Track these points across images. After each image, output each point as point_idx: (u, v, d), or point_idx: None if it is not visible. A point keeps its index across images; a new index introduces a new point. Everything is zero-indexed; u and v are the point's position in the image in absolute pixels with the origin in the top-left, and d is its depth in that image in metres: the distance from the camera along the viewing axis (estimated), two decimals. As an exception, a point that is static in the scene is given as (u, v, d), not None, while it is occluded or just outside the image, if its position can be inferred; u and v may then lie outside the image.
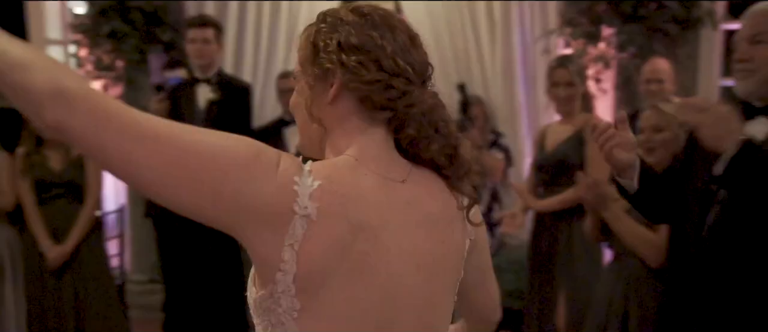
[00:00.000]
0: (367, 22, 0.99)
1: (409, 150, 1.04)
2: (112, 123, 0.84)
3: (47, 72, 0.83)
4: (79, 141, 0.85)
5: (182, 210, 0.90)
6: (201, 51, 3.37)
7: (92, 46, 4.32)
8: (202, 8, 4.41)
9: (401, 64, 0.99)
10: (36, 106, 0.83)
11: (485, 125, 3.94)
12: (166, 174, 0.87)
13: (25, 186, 3.09)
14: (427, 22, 4.17)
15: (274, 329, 0.96)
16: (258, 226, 0.91)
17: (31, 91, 0.82)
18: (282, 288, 0.92)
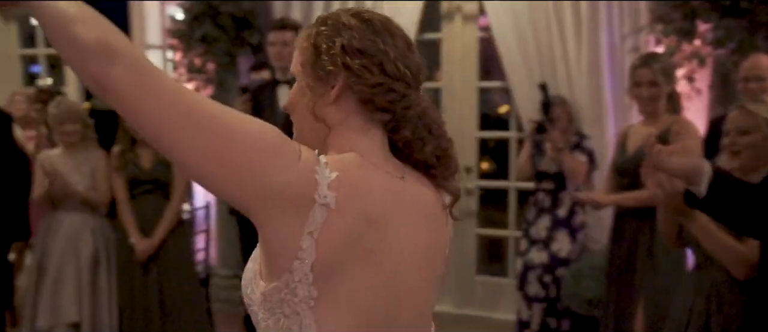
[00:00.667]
0: (369, 28, 1.04)
1: (403, 150, 1.09)
2: (151, 85, 0.88)
3: (98, 27, 0.88)
4: (116, 96, 0.88)
5: (206, 181, 0.93)
6: (280, 53, 3.46)
7: (186, 50, 4.53)
8: (289, 9, 4.53)
9: (401, 68, 1.04)
10: (82, 56, 0.87)
11: (569, 126, 3.82)
12: (196, 142, 0.89)
13: (119, 182, 3.29)
14: (510, 21, 4.09)
15: (288, 320, 0.97)
16: (280, 211, 0.93)
17: (80, 43, 0.86)
18: (299, 277, 0.95)
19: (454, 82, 4.44)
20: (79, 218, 3.28)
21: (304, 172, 0.94)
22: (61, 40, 0.88)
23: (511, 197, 4.45)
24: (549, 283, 3.70)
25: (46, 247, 3.26)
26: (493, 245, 5.17)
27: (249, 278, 1.02)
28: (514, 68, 4.12)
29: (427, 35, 4.53)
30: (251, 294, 1.01)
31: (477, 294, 4.47)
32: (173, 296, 3.27)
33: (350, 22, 1.04)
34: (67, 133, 3.28)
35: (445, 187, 1.12)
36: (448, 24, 4.46)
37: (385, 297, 1.01)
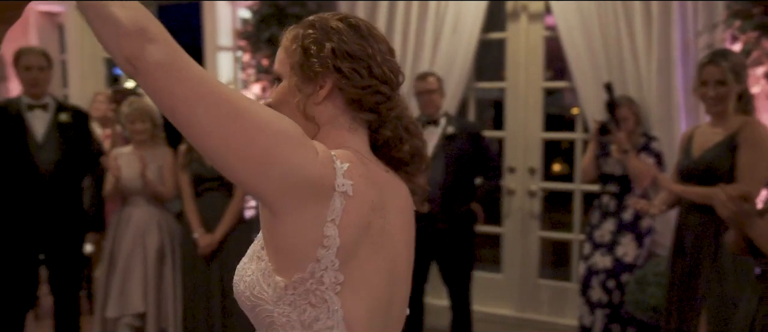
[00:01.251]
0: (356, 33, 1.10)
1: (382, 148, 1.15)
2: (183, 71, 0.91)
3: (136, 11, 0.91)
4: (148, 77, 0.90)
5: (230, 169, 0.95)
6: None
7: (254, 51, 4.66)
8: (354, 9, 4.58)
9: (387, 71, 1.11)
10: (117, 36, 0.89)
11: (635, 127, 3.69)
12: (223, 129, 0.92)
13: (185, 179, 3.42)
14: (577, 19, 3.99)
15: (315, 309, 1.01)
16: (302, 201, 0.97)
17: (117, 23, 0.89)
18: (325, 265, 0.99)
19: (518, 82, 4.37)
20: (147, 212, 3.43)
21: (324, 162, 0.99)
22: (98, 19, 0.90)
23: (577, 200, 4.34)
24: (612, 289, 3.59)
25: (116, 240, 3.43)
26: (558, 249, 5.06)
27: (254, 279, 1.03)
28: (581, 67, 4.02)
29: (491, 35, 4.48)
30: (260, 293, 1.02)
31: (540, 298, 4.39)
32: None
33: (338, 27, 1.10)
34: (137, 131, 3.44)
35: (415, 182, 1.18)
36: (512, 23, 4.40)
37: (387, 282, 1.08)
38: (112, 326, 3.39)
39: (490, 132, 4.73)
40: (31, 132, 3.36)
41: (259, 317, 1.04)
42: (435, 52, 4.38)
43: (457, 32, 4.29)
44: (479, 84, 4.69)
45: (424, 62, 4.41)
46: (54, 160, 3.36)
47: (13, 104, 3.41)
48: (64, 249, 3.45)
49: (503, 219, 4.46)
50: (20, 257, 3.36)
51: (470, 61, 4.29)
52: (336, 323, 1.01)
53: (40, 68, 3.40)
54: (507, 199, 4.43)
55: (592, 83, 3.97)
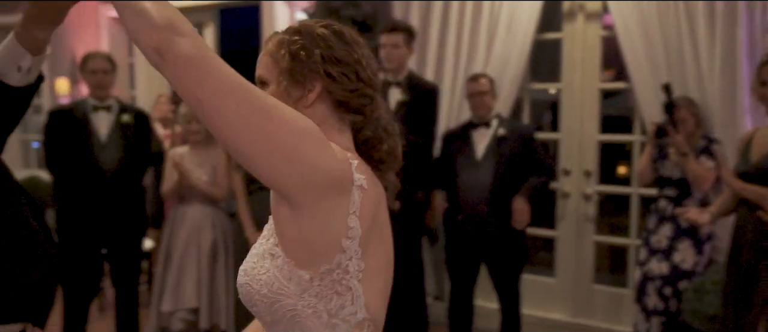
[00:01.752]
0: (341, 39, 1.15)
1: (362, 147, 1.21)
2: (212, 65, 0.96)
3: (168, 9, 0.97)
4: (175, 68, 0.95)
5: (255, 163, 0.99)
6: (390, 55, 3.53)
7: (309, 53, 4.73)
8: (408, 11, 4.60)
9: (370, 74, 1.16)
10: (148, 26, 0.94)
11: (695, 130, 3.56)
12: (250, 124, 0.96)
13: (238, 178, 3.51)
14: (636, 19, 3.87)
15: (341, 297, 1.07)
16: (325, 194, 1.02)
17: (149, 16, 0.95)
18: (350, 254, 1.06)
19: (573, 83, 4.29)
20: (201, 211, 3.54)
21: (342, 159, 1.05)
22: (130, 11, 0.96)
23: (634, 203, 4.23)
24: (669, 296, 3.48)
25: (172, 237, 3.56)
26: (615, 253, 4.93)
27: (271, 276, 1.07)
28: (639, 68, 3.91)
29: (547, 35, 4.41)
30: (280, 289, 1.06)
31: (594, 303, 4.29)
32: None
33: (324, 33, 1.15)
34: (192, 132, 3.55)
35: (387, 180, 1.23)
36: (569, 23, 4.32)
37: (387, 270, 1.18)
38: (167, 319, 3.52)
39: (546, 134, 4.66)
40: (96, 132, 3.52)
41: (278, 313, 1.07)
42: (489, 52, 4.35)
43: (512, 32, 4.25)
44: (534, 85, 4.62)
45: (478, 63, 4.38)
46: (116, 159, 3.51)
47: (80, 106, 3.58)
48: (124, 244, 3.61)
49: (557, 223, 4.39)
50: (84, 251, 3.53)
51: (524, 61, 4.24)
52: (359, 308, 1.08)
53: (105, 72, 3.56)
54: (561, 202, 4.35)
55: (651, 84, 3.85)
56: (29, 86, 1.35)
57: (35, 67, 1.33)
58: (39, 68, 1.35)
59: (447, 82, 4.47)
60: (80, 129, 3.49)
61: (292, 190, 1.01)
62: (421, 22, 4.57)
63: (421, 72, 4.55)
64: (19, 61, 1.29)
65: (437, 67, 4.55)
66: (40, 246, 1.67)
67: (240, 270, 1.14)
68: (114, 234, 3.57)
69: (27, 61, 1.30)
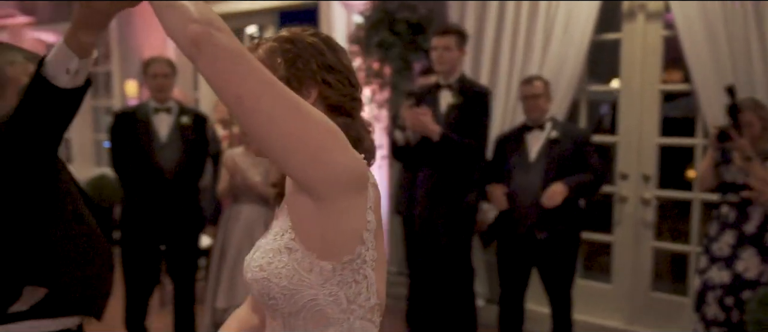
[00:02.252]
0: (330, 47, 1.21)
1: None
2: (251, 64, 1.00)
3: (206, 7, 1.01)
4: (210, 58, 0.98)
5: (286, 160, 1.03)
6: (442, 57, 3.53)
7: (365, 56, 4.78)
8: (464, 10, 4.58)
9: (356, 79, 1.25)
10: (186, 20, 0.98)
11: (763, 133, 3.41)
12: (286, 121, 1.00)
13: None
14: (700, 20, 3.74)
15: (359, 285, 1.15)
16: (349, 190, 1.09)
17: (187, 11, 0.99)
18: (368, 245, 1.14)
19: (633, 84, 4.18)
20: (255, 210, 3.63)
21: (359, 158, 1.11)
22: (168, 7, 1.00)
23: (695, 209, 4.08)
24: (731, 306, 3.35)
25: (227, 235, 3.66)
26: (676, 260, 4.77)
27: (290, 269, 1.11)
28: (702, 69, 3.78)
29: (605, 36, 4.31)
30: (300, 281, 1.11)
31: (651, 311, 4.17)
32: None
33: (315, 42, 1.20)
34: (247, 133, 3.64)
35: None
36: (629, 23, 4.20)
37: (384, 259, 1.24)
38: (221, 316, 3.61)
39: (604, 136, 4.55)
40: (156, 134, 3.66)
41: (298, 303, 1.12)
42: (545, 53, 4.29)
43: (569, 33, 4.17)
44: (591, 86, 4.52)
45: (534, 64, 4.32)
46: (175, 160, 3.64)
47: (142, 108, 3.74)
48: (182, 241, 3.74)
49: (614, 227, 4.28)
50: (145, 247, 3.68)
51: (581, 62, 4.16)
52: (372, 294, 1.17)
53: (165, 75, 3.70)
54: (618, 207, 4.24)
55: (715, 86, 3.72)
56: (78, 88, 1.41)
57: (83, 69, 1.39)
58: (86, 71, 1.41)
59: (502, 84, 4.43)
60: (142, 130, 3.64)
61: (320, 186, 1.06)
62: (477, 23, 4.54)
63: (476, 73, 4.53)
64: (67, 64, 1.36)
65: (492, 68, 4.51)
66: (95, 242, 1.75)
67: (251, 267, 1.16)
68: (172, 231, 3.70)
69: (74, 64, 1.36)
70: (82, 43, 1.32)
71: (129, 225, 3.67)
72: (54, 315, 1.72)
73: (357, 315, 1.15)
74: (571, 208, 3.53)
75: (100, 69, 7.59)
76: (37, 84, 1.37)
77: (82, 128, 7.65)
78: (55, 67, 1.36)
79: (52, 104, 1.39)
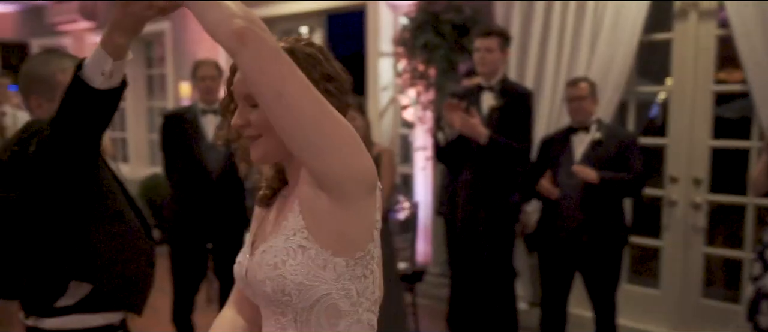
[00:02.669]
0: (324, 56, 1.23)
1: None
2: (292, 65, 1.06)
3: (244, 7, 1.06)
4: (256, 54, 1.02)
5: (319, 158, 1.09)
6: (483, 59, 3.52)
7: (410, 57, 4.80)
8: (510, 10, 4.55)
9: (349, 86, 1.29)
10: (229, 14, 1.02)
11: (820, 136, 3.28)
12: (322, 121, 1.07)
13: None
14: (756, 19, 3.60)
15: (367, 279, 1.22)
16: (366, 191, 1.16)
17: (229, 8, 1.02)
18: (377, 242, 1.23)
19: (684, 85, 4.07)
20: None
21: (372, 161, 1.16)
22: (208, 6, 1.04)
23: (749, 214, 3.95)
24: (785, 316, 3.22)
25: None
26: (730, 267, 4.61)
27: (305, 268, 1.16)
28: (758, 69, 3.65)
29: (655, 36, 4.21)
30: (314, 278, 1.16)
31: (701, 318, 4.05)
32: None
33: (312, 52, 1.22)
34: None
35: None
36: (680, 22, 4.09)
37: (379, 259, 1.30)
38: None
39: (653, 139, 4.45)
40: (203, 135, 3.76)
41: (311, 298, 1.18)
42: (592, 53, 4.22)
43: (617, 33, 4.09)
44: (640, 88, 4.43)
45: (581, 64, 4.26)
46: (221, 161, 3.73)
47: (190, 110, 3.84)
48: (227, 240, 3.82)
49: (663, 232, 4.18)
50: (192, 245, 3.79)
51: (630, 63, 4.08)
52: (377, 288, 1.25)
53: (213, 78, 3.80)
54: (667, 210, 4.13)
55: None
56: (114, 90, 1.47)
57: (117, 71, 1.44)
58: (121, 73, 1.46)
59: (548, 85, 4.38)
60: (190, 131, 3.74)
61: (346, 185, 1.12)
62: (522, 24, 4.50)
63: (522, 75, 4.49)
64: (102, 66, 1.41)
65: (538, 69, 4.46)
66: (136, 240, 1.83)
67: (263, 267, 1.18)
68: (218, 230, 3.80)
69: (108, 66, 1.41)
70: (115, 45, 1.37)
71: (177, 223, 3.79)
72: (98, 310, 1.80)
73: (365, 308, 1.22)
74: (615, 211, 3.46)
75: (155, 71, 7.83)
76: (75, 85, 1.43)
77: (137, 128, 7.90)
78: (92, 69, 1.42)
79: (89, 104, 1.45)
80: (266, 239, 1.23)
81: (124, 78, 1.50)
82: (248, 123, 1.21)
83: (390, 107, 5.54)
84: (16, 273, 1.77)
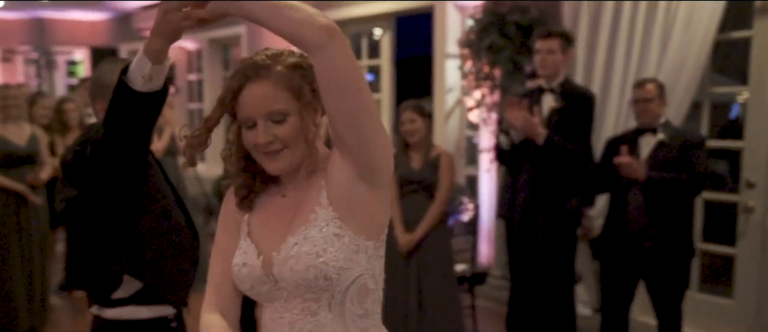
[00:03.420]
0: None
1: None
2: (356, 61, 1.21)
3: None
4: (340, 51, 1.14)
5: (376, 150, 1.24)
6: (544, 61, 3.47)
7: (475, 59, 4.78)
8: (579, 10, 4.46)
9: None
10: (312, 13, 1.13)
11: None
12: (376, 120, 1.23)
13: (392, 180, 3.67)
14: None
15: (382, 259, 1.37)
16: (389, 179, 1.32)
17: (304, 11, 1.14)
18: (386, 230, 1.36)
19: (764, 85, 3.87)
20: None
21: None
22: (283, 14, 1.14)
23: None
24: None
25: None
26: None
27: (343, 254, 1.27)
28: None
29: (732, 34, 4.03)
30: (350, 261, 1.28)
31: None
32: (429, 290, 3.53)
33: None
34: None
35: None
36: (761, 19, 3.90)
37: None
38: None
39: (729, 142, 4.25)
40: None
41: (347, 281, 1.28)
42: (663, 54, 4.08)
43: (690, 32, 3.94)
44: (716, 88, 4.24)
45: (651, 65, 4.13)
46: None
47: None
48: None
49: (738, 239, 3.99)
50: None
51: (703, 63, 3.92)
52: (382, 268, 1.38)
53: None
54: (743, 217, 3.94)
55: None
56: (155, 93, 1.54)
57: (156, 75, 1.50)
58: (161, 77, 1.53)
59: (616, 86, 4.27)
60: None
61: (385, 175, 1.30)
62: (591, 24, 4.41)
63: (589, 76, 4.40)
64: (143, 69, 1.48)
65: (606, 70, 4.35)
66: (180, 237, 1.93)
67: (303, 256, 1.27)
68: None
69: (147, 69, 1.48)
70: (154, 50, 1.43)
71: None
72: (150, 303, 1.91)
73: (381, 286, 1.37)
74: (682, 217, 3.34)
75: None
76: (119, 87, 1.52)
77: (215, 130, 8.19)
78: (134, 72, 1.50)
79: (131, 106, 1.53)
80: (291, 233, 1.29)
81: (167, 83, 1.57)
82: (275, 138, 1.27)
83: (456, 109, 5.53)
84: (82, 265, 1.91)
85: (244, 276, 1.33)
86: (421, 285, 3.54)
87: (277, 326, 1.32)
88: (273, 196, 1.38)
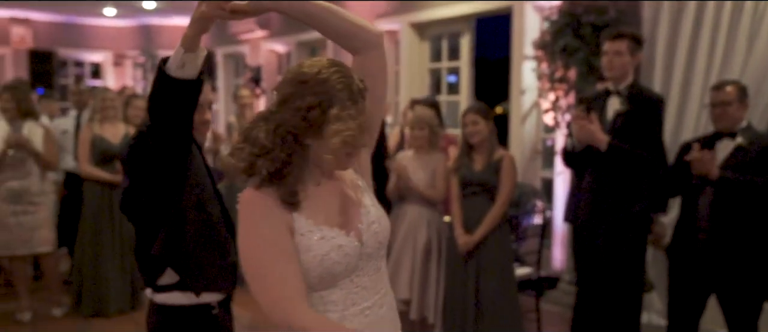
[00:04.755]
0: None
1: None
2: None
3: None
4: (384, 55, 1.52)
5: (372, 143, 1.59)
6: (611, 63, 3.38)
7: (550, 61, 4.70)
8: (659, 10, 4.30)
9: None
10: (364, 20, 1.48)
11: None
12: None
13: (454, 182, 3.69)
14: None
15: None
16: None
17: (354, 17, 1.46)
18: None
19: None
20: (418, 211, 3.78)
21: None
22: (340, 15, 1.45)
23: None
24: None
25: (392, 232, 3.85)
26: None
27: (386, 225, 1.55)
28: None
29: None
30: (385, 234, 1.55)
31: None
32: (487, 292, 3.52)
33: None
34: (415, 137, 3.81)
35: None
36: None
37: None
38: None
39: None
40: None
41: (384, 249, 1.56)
42: (748, 55, 3.88)
43: (777, 32, 3.72)
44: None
45: (735, 67, 3.93)
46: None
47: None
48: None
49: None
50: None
51: (792, 65, 3.69)
52: None
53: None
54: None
55: None
56: (189, 81, 1.64)
57: (189, 63, 1.61)
58: (194, 66, 1.63)
59: (696, 89, 4.09)
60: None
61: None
62: (671, 25, 4.24)
63: (667, 78, 4.24)
64: (177, 55, 1.60)
65: (686, 72, 4.18)
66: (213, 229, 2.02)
67: (382, 222, 1.54)
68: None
69: (180, 55, 1.59)
70: (186, 35, 1.55)
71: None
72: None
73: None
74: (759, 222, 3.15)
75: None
76: (158, 71, 1.65)
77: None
78: (172, 59, 1.62)
79: (165, 90, 1.64)
80: (357, 206, 1.50)
81: (201, 73, 1.67)
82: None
83: (532, 111, 5.45)
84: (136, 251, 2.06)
85: (340, 258, 1.40)
86: (479, 286, 3.54)
87: (357, 294, 1.46)
88: (309, 188, 1.44)
